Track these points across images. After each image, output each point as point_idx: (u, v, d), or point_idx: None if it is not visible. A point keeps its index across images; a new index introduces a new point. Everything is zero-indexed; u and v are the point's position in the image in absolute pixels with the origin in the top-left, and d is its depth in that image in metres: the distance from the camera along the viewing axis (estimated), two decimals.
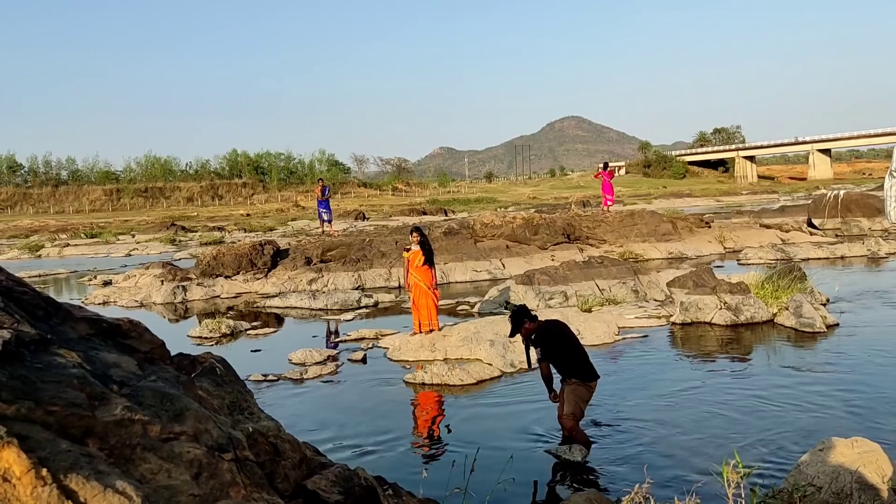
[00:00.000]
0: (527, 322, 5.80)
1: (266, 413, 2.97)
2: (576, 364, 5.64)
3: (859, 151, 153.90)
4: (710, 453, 5.18)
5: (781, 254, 17.57)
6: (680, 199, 62.59)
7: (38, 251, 30.39)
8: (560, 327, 5.89)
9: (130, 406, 2.14)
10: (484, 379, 7.74)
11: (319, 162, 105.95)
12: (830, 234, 22.76)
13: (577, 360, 5.65)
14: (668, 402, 6.59)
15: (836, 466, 3.81)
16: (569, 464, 5.22)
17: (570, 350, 5.71)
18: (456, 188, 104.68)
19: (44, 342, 2.21)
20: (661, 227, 20.71)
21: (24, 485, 1.65)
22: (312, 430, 6.18)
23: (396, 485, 3.24)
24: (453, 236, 18.61)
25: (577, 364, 5.64)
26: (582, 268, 13.50)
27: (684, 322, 10.04)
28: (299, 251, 17.77)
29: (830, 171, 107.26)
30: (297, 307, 13.60)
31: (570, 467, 5.18)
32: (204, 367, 2.89)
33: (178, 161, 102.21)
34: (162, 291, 15.12)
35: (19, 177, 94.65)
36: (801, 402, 6.43)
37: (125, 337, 2.68)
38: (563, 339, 5.76)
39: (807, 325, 9.27)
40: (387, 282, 16.32)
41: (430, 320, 9.56)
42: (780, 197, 58.66)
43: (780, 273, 10.96)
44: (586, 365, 5.66)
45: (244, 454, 2.43)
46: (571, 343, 5.77)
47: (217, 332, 10.82)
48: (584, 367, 5.65)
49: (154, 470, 2.05)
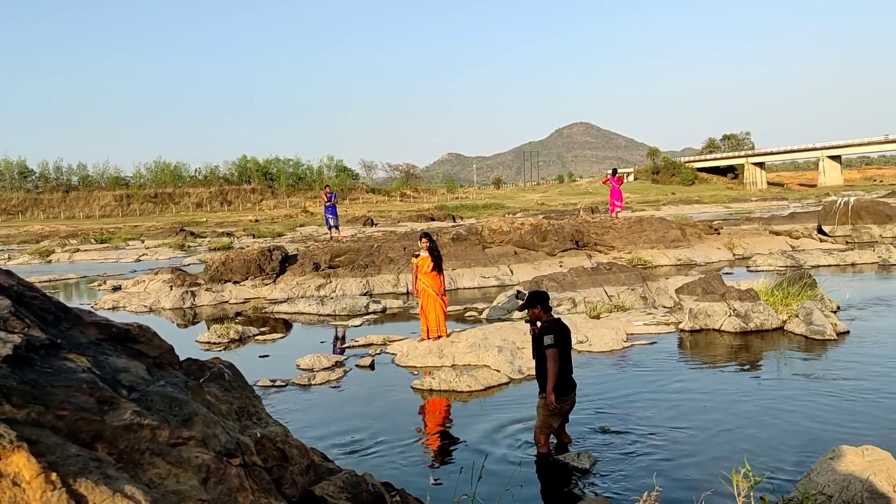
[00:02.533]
0: (539, 307, 5.65)
1: (274, 418, 2.98)
2: (562, 377, 5.46)
3: (870, 158, 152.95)
4: (720, 461, 5.14)
5: (791, 261, 17.47)
6: (689, 205, 62.44)
7: (48, 256, 30.59)
8: (567, 332, 5.79)
9: (139, 411, 2.15)
10: (492, 385, 7.72)
11: (328, 168, 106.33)
12: (841, 241, 22.61)
13: (564, 374, 5.49)
14: (676, 410, 6.56)
15: (847, 475, 3.78)
16: (577, 471, 5.19)
17: (565, 360, 5.57)
18: (464, 194, 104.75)
19: (54, 347, 2.23)
20: (670, 233, 20.64)
21: (33, 489, 1.66)
22: (320, 436, 6.18)
23: (404, 491, 3.23)
24: (461, 242, 18.61)
25: (562, 377, 5.46)
26: (590, 274, 13.47)
27: (693, 329, 10.00)
28: (307, 257, 17.81)
29: (841, 178, 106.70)
30: (305, 313, 13.63)
31: (578, 474, 5.16)
32: (212, 373, 2.90)
33: (188, 166, 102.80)
34: (171, 297, 15.18)
35: (30, 182, 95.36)
36: (811, 409, 6.38)
37: (134, 342, 2.69)
38: (566, 345, 5.64)
39: (817, 332, 9.21)
40: (395, 287, 16.33)
41: (439, 326, 9.56)
42: (790, 203, 58.40)
43: (790, 280, 10.89)
44: (567, 379, 5.52)
45: (252, 459, 2.44)
46: (567, 353, 5.64)
47: (225, 337, 10.84)
48: (567, 380, 5.51)
49: (162, 475, 2.06)
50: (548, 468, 5.33)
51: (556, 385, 5.36)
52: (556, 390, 5.36)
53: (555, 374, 5.36)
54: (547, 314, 5.70)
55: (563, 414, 5.55)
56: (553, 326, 5.56)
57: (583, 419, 6.33)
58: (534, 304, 5.67)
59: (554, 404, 5.37)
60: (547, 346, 5.42)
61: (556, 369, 5.36)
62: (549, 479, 5.17)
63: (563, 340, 5.58)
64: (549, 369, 5.39)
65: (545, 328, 5.56)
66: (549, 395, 5.37)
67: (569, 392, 5.54)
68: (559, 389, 5.40)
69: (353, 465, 5.14)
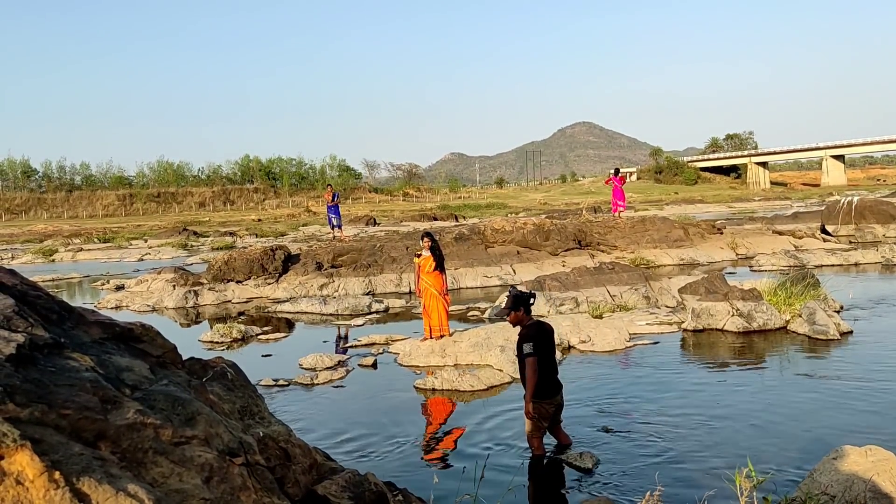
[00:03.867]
0: (521, 310, 5.55)
1: (276, 418, 2.98)
2: (545, 380, 5.42)
3: (873, 157, 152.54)
4: (722, 461, 5.14)
5: (794, 260, 17.44)
6: (692, 205, 62.33)
7: (51, 256, 30.64)
8: (549, 333, 5.65)
9: (142, 410, 2.15)
10: (494, 385, 7.72)
11: (331, 167, 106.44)
12: (844, 241, 22.56)
13: (548, 376, 5.45)
14: (679, 409, 6.55)
15: (850, 475, 3.77)
16: (579, 470, 5.19)
17: (548, 362, 5.50)
18: (467, 194, 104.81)
19: (57, 346, 2.23)
20: (673, 233, 20.62)
21: (36, 487, 1.67)
22: (322, 435, 6.19)
23: (406, 490, 3.24)
24: (464, 242, 18.61)
25: (546, 380, 5.42)
26: (593, 274, 13.46)
27: (696, 329, 9.99)
28: (310, 256, 17.82)
29: (844, 178, 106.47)
30: (307, 312, 13.64)
31: (580, 474, 5.16)
32: (215, 372, 2.91)
33: (191, 166, 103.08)
34: (174, 296, 15.21)
35: (34, 182, 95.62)
36: (814, 409, 6.37)
37: (137, 341, 2.70)
38: (548, 348, 5.53)
39: (820, 332, 9.20)
40: (397, 287, 16.33)
41: (441, 326, 9.56)
42: (793, 203, 58.26)
43: (793, 280, 10.87)
44: (551, 381, 5.47)
45: (255, 459, 2.44)
46: (552, 355, 5.57)
47: (228, 336, 10.86)
48: (551, 383, 5.46)
49: (165, 474, 2.06)
50: (550, 468, 5.33)
51: (540, 388, 5.34)
52: (540, 393, 5.35)
53: (533, 383, 5.33)
54: (528, 317, 5.62)
55: (549, 417, 5.48)
56: (531, 332, 5.45)
57: (585, 419, 6.33)
58: (517, 307, 5.56)
59: (531, 413, 5.34)
60: (526, 355, 5.36)
61: (535, 378, 5.33)
62: (552, 479, 5.17)
63: (545, 344, 5.49)
64: (528, 377, 5.35)
65: (524, 335, 5.47)
66: (526, 403, 5.36)
67: (553, 394, 5.48)
68: (543, 392, 5.37)
69: (355, 464, 5.15)
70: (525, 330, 5.52)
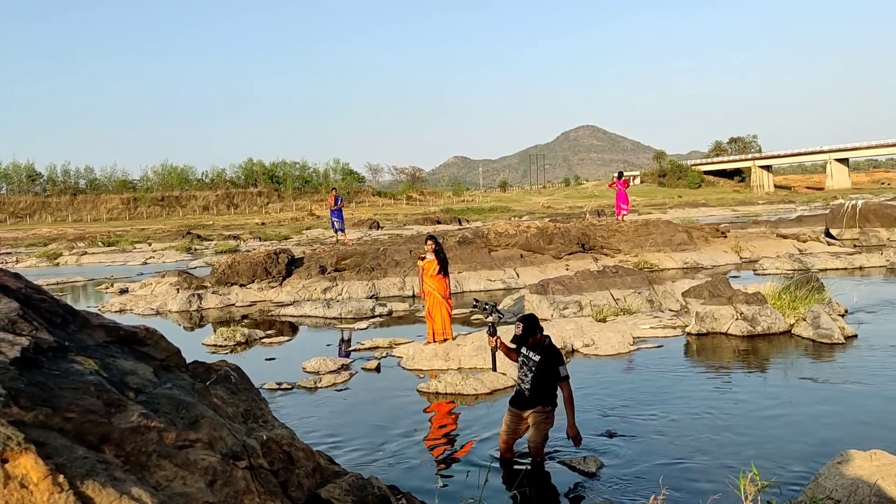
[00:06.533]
0: (538, 332, 5.57)
1: (280, 421, 2.98)
2: (553, 389, 5.44)
3: (877, 161, 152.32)
4: (727, 465, 5.12)
5: (798, 264, 17.40)
6: (695, 208, 62.27)
7: (56, 259, 30.71)
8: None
9: (146, 413, 2.15)
10: (498, 389, 7.71)
11: (334, 171, 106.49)
12: (848, 245, 22.52)
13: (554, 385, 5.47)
14: (683, 413, 6.54)
15: (855, 479, 3.76)
16: (583, 474, 5.18)
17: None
18: (470, 197, 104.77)
19: (61, 349, 2.24)
20: (677, 236, 20.59)
21: (41, 491, 1.67)
22: (326, 439, 6.19)
23: (410, 494, 3.23)
24: (467, 245, 18.61)
25: (554, 389, 5.45)
26: (596, 277, 13.44)
27: (700, 332, 9.96)
28: (314, 260, 17.83)
29: (848, 181, 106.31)
30: (311, 316, 13.64)
31: (584, 478, 5.14)
32: (219, 375, 2.91)
33: (194, 170, 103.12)
34: (177, 299, 15.23)
35: (38, 185, 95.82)
36: (818, 413, 6.35)
37: (141, 344, 2.70)
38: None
39: (825, 336, 9.17)
40: (401, 290, 16.33)
41: (444, 329, 9.55)
42: (797, 206, 58.20)
43: (798, 283, 10.84)
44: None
45: (258, 462, 2.44)
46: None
47: (232, 340, 10.87)
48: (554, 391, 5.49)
49: (169, 477, 2.06)
50: (553, 472, 5.32)
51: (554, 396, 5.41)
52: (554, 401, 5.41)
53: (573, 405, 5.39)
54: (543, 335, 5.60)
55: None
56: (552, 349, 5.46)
57: (589, 423, 6.31)
58: (533, 331, 5.52)
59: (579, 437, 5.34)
60: (564, 378, 5.38)
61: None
62: (555, 482, 5.16)
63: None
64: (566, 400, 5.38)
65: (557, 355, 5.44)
66: (571, 427, 5.32)
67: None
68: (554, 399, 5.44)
69: (358, 467, 5.14)
70: (554, 349, 5.50)
